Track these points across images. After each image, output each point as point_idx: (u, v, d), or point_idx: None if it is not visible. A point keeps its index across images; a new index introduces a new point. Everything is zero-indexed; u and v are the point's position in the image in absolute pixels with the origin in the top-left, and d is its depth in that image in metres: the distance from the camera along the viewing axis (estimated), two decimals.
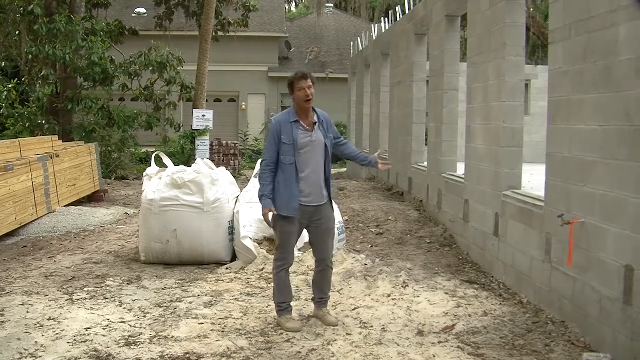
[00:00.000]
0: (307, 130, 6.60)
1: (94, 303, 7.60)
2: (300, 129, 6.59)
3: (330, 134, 6.75)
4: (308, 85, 6.55)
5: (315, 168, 6.62)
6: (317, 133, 6.64)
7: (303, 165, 6.56)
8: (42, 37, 20.76)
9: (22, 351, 6.09)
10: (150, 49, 23.15)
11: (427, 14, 13.65)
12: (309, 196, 6.59)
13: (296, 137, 6.54)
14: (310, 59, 40.72)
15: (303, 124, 6.61)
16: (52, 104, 22.36)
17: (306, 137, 6.58)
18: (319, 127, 6.67)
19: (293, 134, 6.54)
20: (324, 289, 6.98)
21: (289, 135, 6.54)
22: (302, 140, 6.55)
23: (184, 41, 29.96)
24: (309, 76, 6.62)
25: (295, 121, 6.60)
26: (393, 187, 16.71)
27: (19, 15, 21.98)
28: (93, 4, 27.00)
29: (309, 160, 6.59)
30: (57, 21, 20.59)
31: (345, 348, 6.15)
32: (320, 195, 6.67)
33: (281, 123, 6.61)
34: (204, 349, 6.14)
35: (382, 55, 19.20)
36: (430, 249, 10.35)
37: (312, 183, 6.60)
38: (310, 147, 6.59)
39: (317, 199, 6.65)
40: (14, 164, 12.24)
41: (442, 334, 6.52)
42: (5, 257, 10.31)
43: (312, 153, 6.61)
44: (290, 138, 6.53)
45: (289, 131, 6.56)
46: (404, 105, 15.72)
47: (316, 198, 6.64)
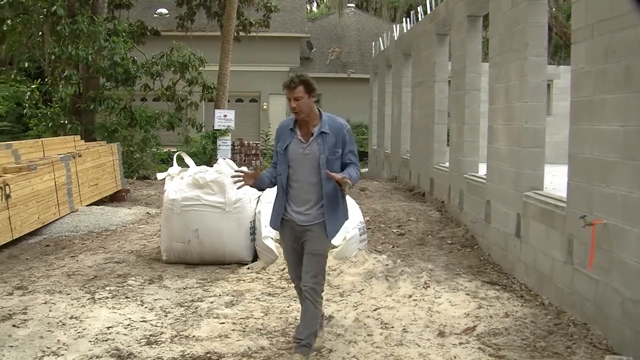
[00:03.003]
0: (302, 141, 5.82)
1: (116, 302, 7.65)
2: (295, 138, 5.86)
3: (337, 149, 5.78)
4: (294, 96, 5.66)
5: (303, 185, 5.84)
6: (311, 146, 5.78)
7: (292, 179, 5.88)
8: (65, 38, 20.89)
9: (44, 349, 6.15)
10: (172, 49, 23.24)
11: (448, 14, 13.62)
12: (292, 213, 5.88)
13: (288, 147, 5.86)
14: (331, 59, 40.70)
15: (299, 133, 5.86)
16: (75, 104, 22.50)
17: (298, 149, 5.82)
18: (316, 139, 5.77)
19: (286, 143, 5.88)
20: (301, 328, 5.86)
21: (283, 144, 5.89)
22: (292, 151, 5.84)
23: (206, 41, 30.01)
24: (295, 85, 5.67)
25: (292, 129, 5.88)
26: (414, 188, 16.67)
27: (42, 16, 22.12)
28: (115, 4, 27.12)
29: (297, 174, 5.84)
30: (79, 22, 20.71)
31: (366, 348, 6.15)
32: (307, 215, 5.84)
33: (282, 128, 6.00)
34: (225, 348, 6.16)
35: (403, 56, 19.17)
36: (452, 250, 10.32)
37: (299, 200, 5.86)
38: (300, 161, 5.82)
39: (303, 219, 5.85)
40: (37, 164, 12.32)
41: (463, 335, 6.50)
42: (28, 256, 10.39)
43: (302, 167, 5.82)
44: (282, 146, 5.89)
45: (285, 138, 5.91)
46: (425, 106, 15.69)
47: (302, 217, 5.86)
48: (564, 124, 8.33)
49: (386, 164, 22.02)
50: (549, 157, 9.17)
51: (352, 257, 9.18)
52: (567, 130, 7.35)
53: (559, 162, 10.48)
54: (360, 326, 6.76)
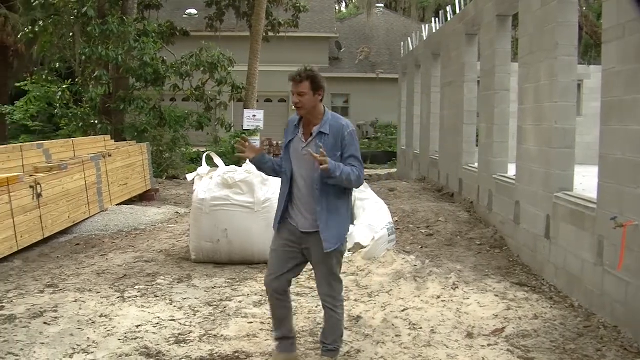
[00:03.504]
0: (302, 140, 5.49)
1: (145, 301, 7.70)
2: (297, 135, 5.54)
3: (336, 152, 5.34)
4: (298, 91, 5.35)
5: (301, 187, 5.49)
6: (310, 147, 5.40)
7: (295, 179, 5.53)
8: (95, 39, 21.07)
9: (74, 346, 6.22)
10: (201, 50, 23.36)
11: (477, 13, 13.56)
12: (293, 217, 5.54)
13: (290, 144, 5.55)
14: (360, 59, 40.69)
15: (301, 132, 5.53)
16: (105, 104, 22.67)
17: (298, 148, 5.48)
18: (315, 140, 5.39)
19: (288, 139, 5.57)
20: (326, 333, 5.77)
21: (286, 140, 5.57)
22: (293, 149, 5.53)
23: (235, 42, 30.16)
24: (300, 79, 5.39)
25: (297, 125, 5.57)
26: (443, 188, 16.62)
27: (73, 17, 22.31)
28: (145, 5, 27.32)
29: (297, 175, 5.50)
30: (109, 22, 20.88)
31: (394, 349, 6.15)
32: (305, 220, 5.49)
33: (289, 123, 5.66)
34: (253, 348, 6.18)
35: (432, 56, 19.11)
36: (481, 251, 10.28)
37: (300, 202, 5.51)
38: (300, 161, 5.48)
39: (302, 224, 5.51)
40: (68, 163, 12.44)
41: (492, 336, 6.47)
42: (59, 255, 10.49)
43: (301, 167, 5.48)
44: (286, 142, 5.58)
45: (288, 135, 5.58)
46: (454, 106, 15.63)
47: (302, 223, 5.51)
48: (594, 125, 8.28)
49: (415, 164, 21.97)
50: (578, 158, 9.10)
51: (381, 258, 9.18)
52: (597, 130, 7.29)
53: (589, 162, 10.41)
54: (388, 327, 6.75)
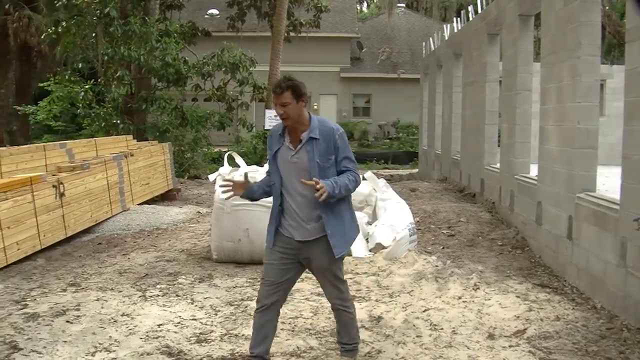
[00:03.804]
0: (290, 148, 5.34)
1: (166, 300, 7.74)
2: (283, 144, 5.38)
3: (330, 156, 5.30)
4: (281, 102, 5.19)
5: (295, 195, 5.35)
6: (300, 153, 5.30)
7: (285, 190, 5.39)
8: (118, 39, 21.18)
9: (96, 345, 6.26)
10: (223, 50, 23.43)
11: (499, 13, 13.50)
12: (287, 228, 5.40)
13: (277, 154, 5.40)
14: (381, 59, 40.67)
15: (288, 140, 5.38)
16: (127, 104, 22.79)
17: (287, 157, 5.35)
18: (305, 146, 5.29)
19: (274, 150, 5.41)
20: (341, 333, 5.77)
21: (272, 151, 5.42)
22: (281, 159, 5.38)
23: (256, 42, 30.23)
24: (280, 90, 5.21)
25: (282, 134, 5.41)
26: (465, 189, 16.57)
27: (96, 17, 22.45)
28: (167, 5, 27.43)
29: (288, 184, 5.36)
30: (132, 23, 20.98)
31: (415, 350, 6.14)
32: (304, 230, 5.35)
33: (272, 134, 5.51)
34: (274, 347, 6.18)
35: (454, 55, 19.06)
36: (502, 251, 10.24)
37: (294, 213, 5.37)
38: (290, 170, 5.34)
39: (300, 234, 5.36)
40: (90, 163, 12.52)
41: (513, 337, 6.44)
42: (81, 254, 10.56)
43: (292, 176, 5.33)
44: (272, 154, 5.42)
45: (273, 145, 5.42)
46: (476, 106, 15.58)
47: (299, 232, 5.36)
48: (617, 125, 8.23)
49: (436, 164, 21.92)
50: (601, 158, 9.04)
51: (402, 258, 9.16)
52: (620, 131, 7.24)
53: (611, 163, 10.35)
54: (409, 327, 6.74)
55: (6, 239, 9.50)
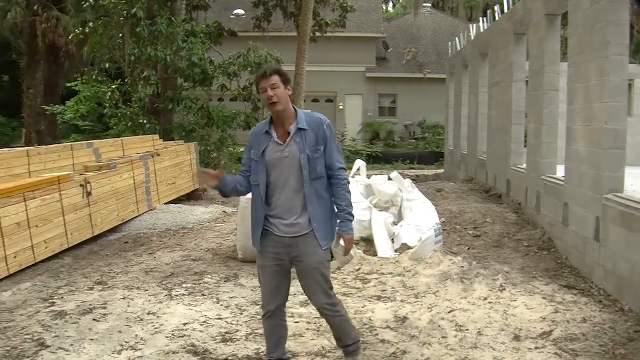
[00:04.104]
0: (279, 143, 5.23)
1: (192, 299, 7.77)
2: (271, 141, 5.26)
3: (319, 147, 5.25)
4: (271, 84, 5.15)
5: (287, 191, 5.25)
6: (290, 146, 5.21)
7: (273, 188, 5.27)
8: (144, 39, 21.27)
9: (123, 343, 6.31)
10: (249, 50, 23.44)
11: (526, 13, 13.43)
12: (279, 226, 5.29)
13: (265, 152, 5.25)
14: (407, 59, 40.56)
15: (275, 136, 5.26)
16: (154, 104, 22.88)
17: (276, 153, 5.23)
18: (295, 138, 5.22)
19: (262, 149, 5.26)
20: (341, 337, 5.68)
21: (258, 150, 5.27)
22: (270, 157, 5.23)
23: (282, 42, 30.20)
24: (270, 73, 5.22)
25: (267, 132, 5.28)
26: (491, 189, 16.49)
27: (123, 18, 22.55)
28: (193, 6, 27.51)
29: (278, 181, 5.24)
30: (158, 23, 21.06)
31: (440, 351, 6.12)
32: (295, 226, 5.26)
33: (256, 133, 5.40)
34: (299, 347, 6.20)
35: (480, 55, 18.97)
36: (528, 253, 10.18)
37: (283, 210, 5.27)
38: (280, 166, 5.23)
39: (291, 230, 5.27)
40: (117, 163, 12.61)
41: (539, 339, 6.41)
42: (108, 253, 10.64)
43: (283, 172, 5.23)
44: (258, 153, 5.27)
45: (259, 145, 5.29)
46: (502, 106, 15.50)
47: (290, 229, 5.27)
48: None
49: (462, 165, 21.84)
50: (629, 159, 8.96)
51: (428, 259, 9.14)
52: None
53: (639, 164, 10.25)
54: (434, 328, 6.73)
55: (34, 238, 9.60)
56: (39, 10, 31.75)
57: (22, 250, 9.32)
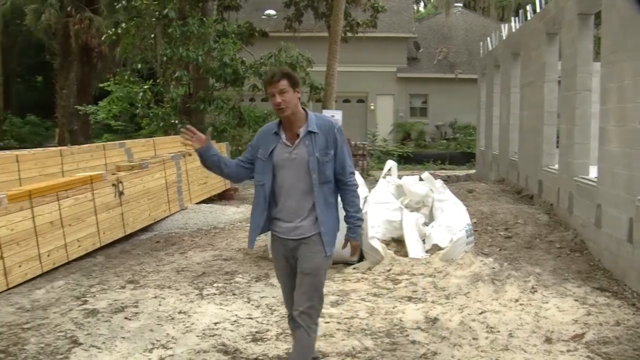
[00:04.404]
0: (287, 145, 5.15)
1: (223, 299, 7.80)
2: (280, 142, 5.17)
3: (329, 150, 5.14)
4: (279, 90, 5.02)
5: (293, 193, 5.14)
6: (299, 148, 5.12)
7: (279, 189, 5.18)
8: (176, 40, 21.43)
9: (154, 342, 6.36)
10: (280, 50, 23.51)
11: (558, 12, 13.32)
12: (283, 227, 5.20)
13: (273, 152, 5.16)
14: (438, 59, 40.39)
15: (284, 137, 5.17)
16: (185, 104, 23.04)
17: (284, 154, 5.14)
18: (304, 140, 5.12)
19: (269, 149, 5.18)
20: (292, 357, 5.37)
21: (266, 150, 5.19)
22: (277, 157, 5.15)
23: (313, 42, 30.21)
24: (278, 78, 5.06)
25: (276, 132, 5.20)
26: (522, 190, 16.39)
27: (154, 19, 22.74)
28: (224, 6, 27.64)
29: (284, 182, 5.15)
30: (190, 24, 21.20)
31: (471, 352, 6.10)
32: (299, 228, 5.15)
33: (264, 132, 5.32)
34: (330, 347, 6.20)
35: (512, 55, 18.85)
36: (560, 254, 10.10)
37: (289, 212, 5.18)
38: (287, 167, 5.14)
39: (294, 232, 5.16)
40: (149, 162, 12.70)
41: (571, 342, 6.35)
42: (140, 252, 10.72)
43: (289, 174, 5.14)
44: (265, 153, 5.19)
45: (267, 144, 5.21)
46: (534, 106, 15.40)
47: (294, 231, 5.16)
48: None
49: (494, 165, 21.72)
50: None
51: (459, 259, 9.10)
52: None
53: None
54: (465, 329, 6.70)
55: (67, 236, 9.70)
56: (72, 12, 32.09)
57: (56, 249, 9.43)
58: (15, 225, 8.64)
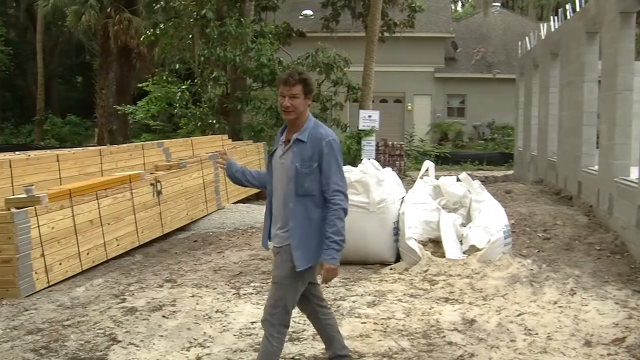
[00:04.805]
0: (282, 148, 5.11)
1: (260, 298, 7.81)
2: (280, 144, 5.13)
3: (312, 162, 4.92)
4: (291, 93, 4.91)
5: (277, 199, 5.09)
6: (287, 154, 5.02)
7: (272, 192, 5.18)
8: (214, 40, 21.53)
9: (191, 340, 6.41)
10: (317, 50, 23.53)
11: (599, 11, 13.18)
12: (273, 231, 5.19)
13: (273, 154, 5.18)
14: (476, 59, 40.16)
15: (283, 138, 5.13)
16: (222, 104, 23.15)
17: (278, 157, 5.11)
18: (292, 147, 4.98)
19: (274, 148, 5.22)
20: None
21: (272, 149, 5.24)
22: (274, 159, 5.16)
23: (350, 42, 30.19)
24: (293, 82, 4.93)
25: (282, 132, 5.19)
26: (561, 191, 16.24)
27: (192, 19, 22.89)
28: (262, 7, 27.72)
29: (275, 186, 5.13)
30: (227, 24, 21.30)
31: (509, 355, 6.04)
32: (277, 235, 5.09)
33: (278, 134, 5.27)
34: (366, 348, 6.19)
35: (551, 55, 18.69)
36: (600, 256, 9.98)
37: (276, 217, 5.14)
38: (277, 170, 5.11)
39: (274, 239, 5.13)
40: (187, 162, 12.78)
41: (612, 345, 6.27)
42: (177, 251, 10.79)
43: (278, 178, 5.09)
44: (271, 152, 5.25)
45: (275, 144, 5.24)
46: (573, 107, 15.24)
47: (274, 237, 5.14)
48: None
49: (532, 166, 21.54)
50: None
51: (496, 261, 9.03)
52: None
53: None
54: (503, 331, 6.65)
55: (106, 235, 9.80)
56: (112, 13, 32.40)
57: (95, 247, 9.53)
58: (56, 224, 8.75)
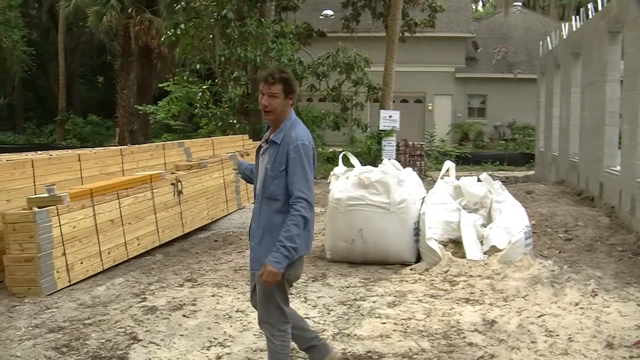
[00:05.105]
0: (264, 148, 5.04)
1: None
2: (263, 142, 5.08)
3: (281, 166, 4.79)
4: (270, 92, 4.80)
5: (256, 198, 5.06)
6: (264, 155, 4.98)
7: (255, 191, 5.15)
8: (234, 40, 21.61)
9: (211, 339, 6.43)
10: (338, 50, 23.57)
11: (621, 10, 13.09)
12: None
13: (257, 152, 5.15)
14: (497, 59, 40.04)
15: (267, 138, 5.03)
16: (243, 104, 23.23)
17: (259, 156, 5.10)
18: (269, 149, 4.92)
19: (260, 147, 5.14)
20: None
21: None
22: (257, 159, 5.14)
23: (371, 42, 30.19)
24: (273, 81, 4.80)
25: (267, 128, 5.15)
26: (583, 192, 16.14)
27: (213, 19, 22.97)
28: (282, 7, 27.80)
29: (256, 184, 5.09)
30: (248, 24, 21.37)
31: (529, 356, 6.02)
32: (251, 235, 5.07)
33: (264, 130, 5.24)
34: (386, 348, 6.18)
35: (572, 55, 18.58)
36: (622, 258, 9.91)
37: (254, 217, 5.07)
38: (257, 170, 5.10)
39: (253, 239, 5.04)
40: (207, 162, 12.81)
41: (634, 348, 6.22)
42: (198, 250, 10.82)
43: (256, 177, 5.09)
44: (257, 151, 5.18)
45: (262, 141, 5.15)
46: (595, 107, 15.15)
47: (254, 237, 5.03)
48: None
49: (553, 166, 21.44)
50: None
51: (517, 262, 8.99)
52: None
53: None
54: (523, 332, 6.62)
55: (127, 234, 9.84)
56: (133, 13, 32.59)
57: (116, 246, 9.57)
58: (77, 223, 8.79)
